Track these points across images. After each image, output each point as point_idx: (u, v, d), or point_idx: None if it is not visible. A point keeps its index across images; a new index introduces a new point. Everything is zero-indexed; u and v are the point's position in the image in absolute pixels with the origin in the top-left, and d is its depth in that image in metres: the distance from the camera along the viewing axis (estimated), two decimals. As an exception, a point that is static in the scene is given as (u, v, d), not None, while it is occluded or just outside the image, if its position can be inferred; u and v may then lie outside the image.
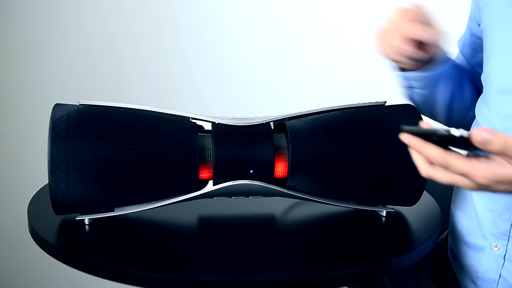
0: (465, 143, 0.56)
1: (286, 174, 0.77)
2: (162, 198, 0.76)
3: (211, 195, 0.77)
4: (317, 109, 0.80)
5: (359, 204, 0.82)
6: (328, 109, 0.80)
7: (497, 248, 0.81)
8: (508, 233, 0.79)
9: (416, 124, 0.78)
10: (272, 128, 0.78)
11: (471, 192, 0.84)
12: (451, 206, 0.91)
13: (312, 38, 1.65)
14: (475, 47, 0.92)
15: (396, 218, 0.83)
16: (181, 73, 1.71)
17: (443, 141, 0.58)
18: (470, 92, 0.94)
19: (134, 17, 1.66)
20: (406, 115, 0.79)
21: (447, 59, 0.86)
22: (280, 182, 0.78)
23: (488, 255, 0.82)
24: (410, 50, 0.78)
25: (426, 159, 0.61)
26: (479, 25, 0.88)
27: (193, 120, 0.77)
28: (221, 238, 0.76)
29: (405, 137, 0.60)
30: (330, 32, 1.63)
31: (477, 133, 0.55)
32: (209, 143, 0.76)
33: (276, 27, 1.66)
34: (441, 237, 0.99)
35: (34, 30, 1.65)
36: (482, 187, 0.60)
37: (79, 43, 1.67)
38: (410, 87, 0.89)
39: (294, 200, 0.87)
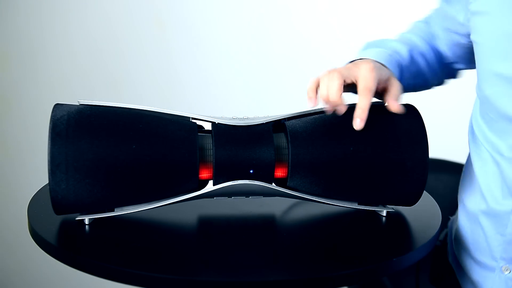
0: None
1: (286, 174, 0.77)
2: (162, 198, 0.76)
3: (211, 195, 0.77)
4: (317, 109, 0.80)
5: (359, 204, 0.82)
6: (328, 109, 0.80)
7: (508, 272, 0.81)
8: None
9: (417, 124, 0.78)
10: (272, 128, 0.78)
11: (479, 212, 0.84)
12: (459, 216, 0.91)
13: (313, 38, 1.65)
14: (453, 42, 0.92)
15: (396, 218, 0.83)
16: (181, 73, 1.71)
17: None
18: (433, 67, 0.97)
19: (135, 17, 1.66)
20: (406, 115, 0.79)
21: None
22: (280, 182, 0.78)
23: (498, 277, 0.81)
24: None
25: None
26: (463, 34, 0.87)
27: (193, 120, 0.77)
28: (221, 238, 0.76)
29: None
30: (330, 31, 1.63)
31: None
32: (209, 143, 0.76)
33: (277, 26, 1.66)
34: (439, 238, 0.99)
35: (34, 30, 1.65)
36: None
37: (79, 43, 1.67)
38: None
39: (294, 200, 0.87)
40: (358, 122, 0.74)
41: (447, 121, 1.54)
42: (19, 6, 1.63)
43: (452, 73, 1.01)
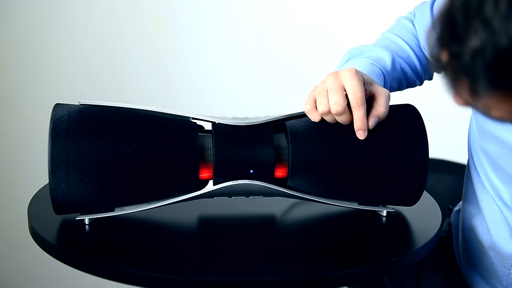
0: None
1: (286, 174, 0.77)
2: (162, 198, 0.76)
3: (211, 195, 0.77)
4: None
5: (359, 204, 0.82)
6: (328, 109, 0.80)
7: None
8: None
9: (416, 124, 0.78)
10: (272, 128, 0.78)
11: (487, 244, 0.84)
12: (469, 239, 0.89)
13: (312, 38, 1.65)
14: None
15: (396, 218, 0.83)
16: (182, 73, 1.71)
17: None
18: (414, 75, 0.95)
19: (134, 18, 1.66)
20: (406, 115, 0.79)
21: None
22: (280, 182, 0.78)
23: None
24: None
25: None
26: None
27: (193, 120, 0.77)
28: (221, 238, 0.76)
29: None
30: (330, 32, 1.63)
31: None
32: (209, 143, 0.76)
33: (276, 27, 1.66)
34: (443, 229, 0.99)
35: (34, 30, 1.65)
36: None
37: (79, 43, 1.67)
38: None
39: (294, 200, 0.87)
40: (361, 134, 0.74)
41: (447, 121, 1.54)
42: (19, 6, 1.63)
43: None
